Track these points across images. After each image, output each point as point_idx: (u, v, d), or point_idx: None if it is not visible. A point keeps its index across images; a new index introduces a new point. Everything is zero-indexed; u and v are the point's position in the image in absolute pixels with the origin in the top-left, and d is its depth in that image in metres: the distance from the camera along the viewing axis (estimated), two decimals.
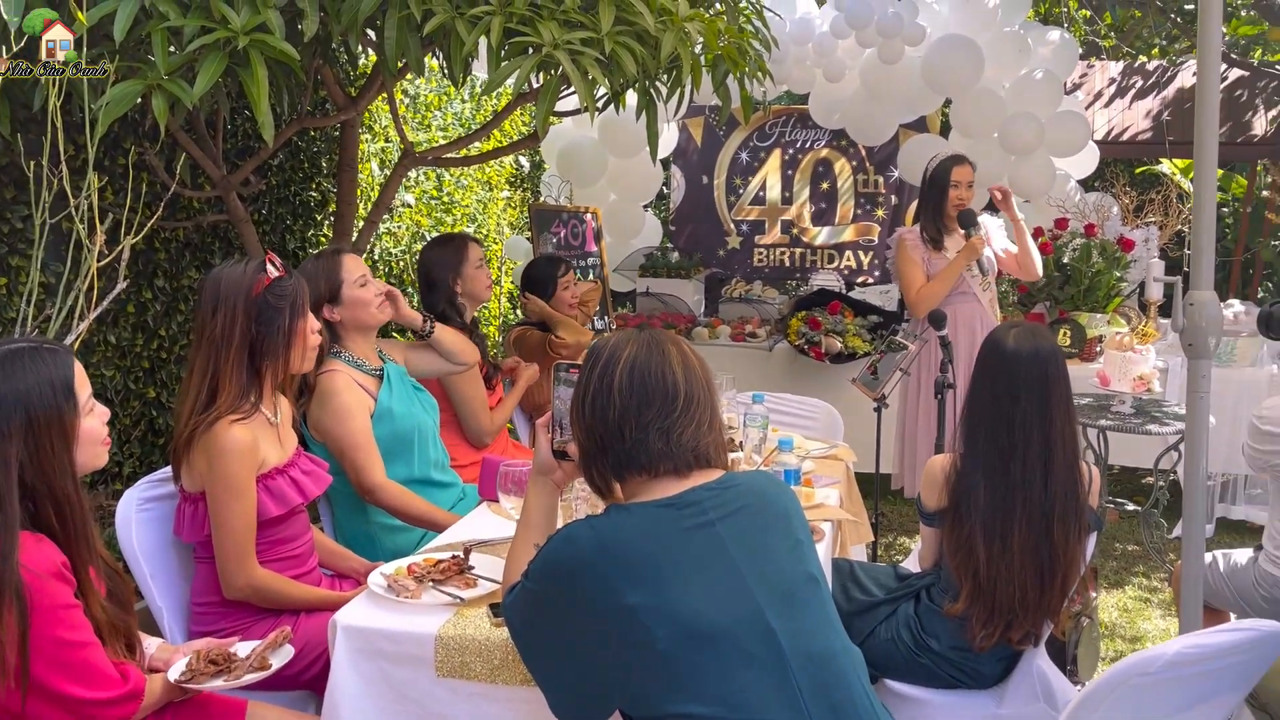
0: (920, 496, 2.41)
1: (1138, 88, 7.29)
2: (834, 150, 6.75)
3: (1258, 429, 2.68)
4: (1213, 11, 2.57)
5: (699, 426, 1.59)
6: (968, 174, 4.23)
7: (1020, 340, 2.26)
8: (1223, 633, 1.67)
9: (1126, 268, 5.10)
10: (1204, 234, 2.60)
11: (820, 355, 5.12)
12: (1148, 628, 3.94)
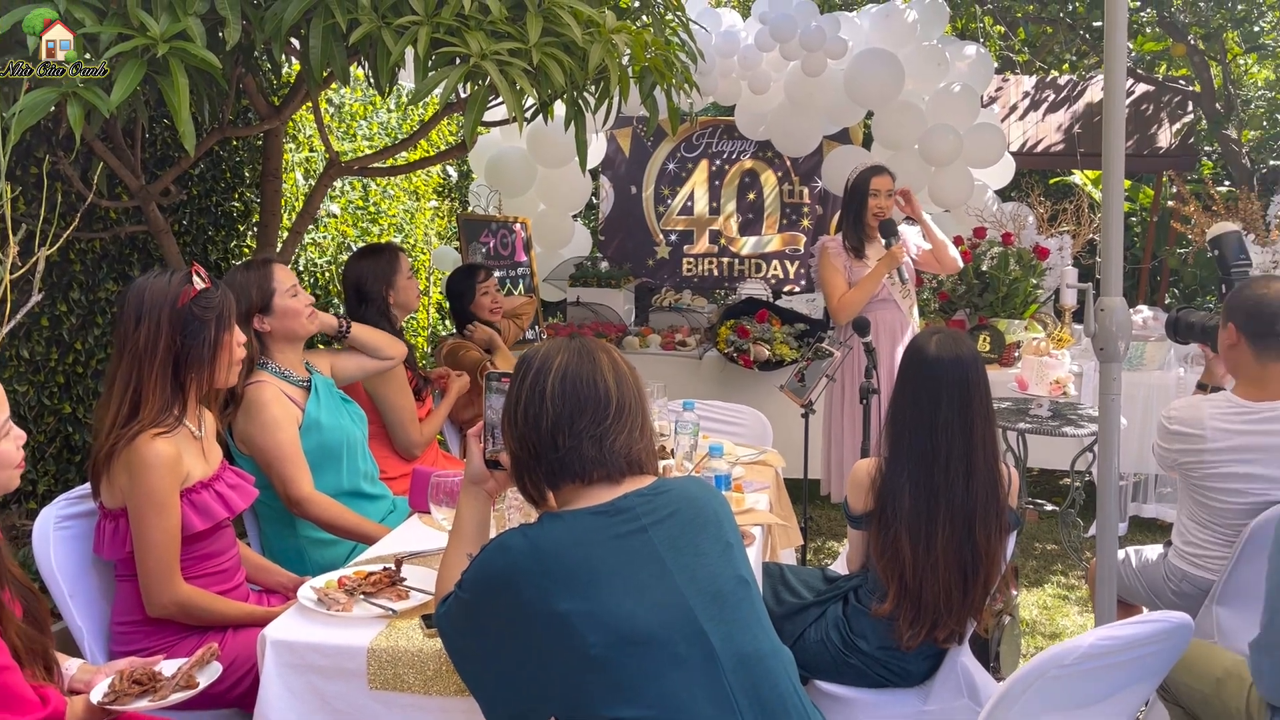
0: (847, 500, 2.47)
1: (1050, 101, 7.54)
2: (760, 161, 6.85)
3: (1166, 429, 2.79)
4: (1118, 30, 2.68)
5: (631, 433, 1.61)
6: (887, 184, 4.34)
7: (941, 347, 2.32)
8: (1134, 625, 1.74)
9: (1042, 275, 5.27)
10: (1112, 243, 2.70)
11: (749, 363, 5.19)
12: (1066, 624, 4.06)
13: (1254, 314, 2.56)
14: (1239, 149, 6.59)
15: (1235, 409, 2.64)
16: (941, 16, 5.89)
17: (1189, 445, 2.68)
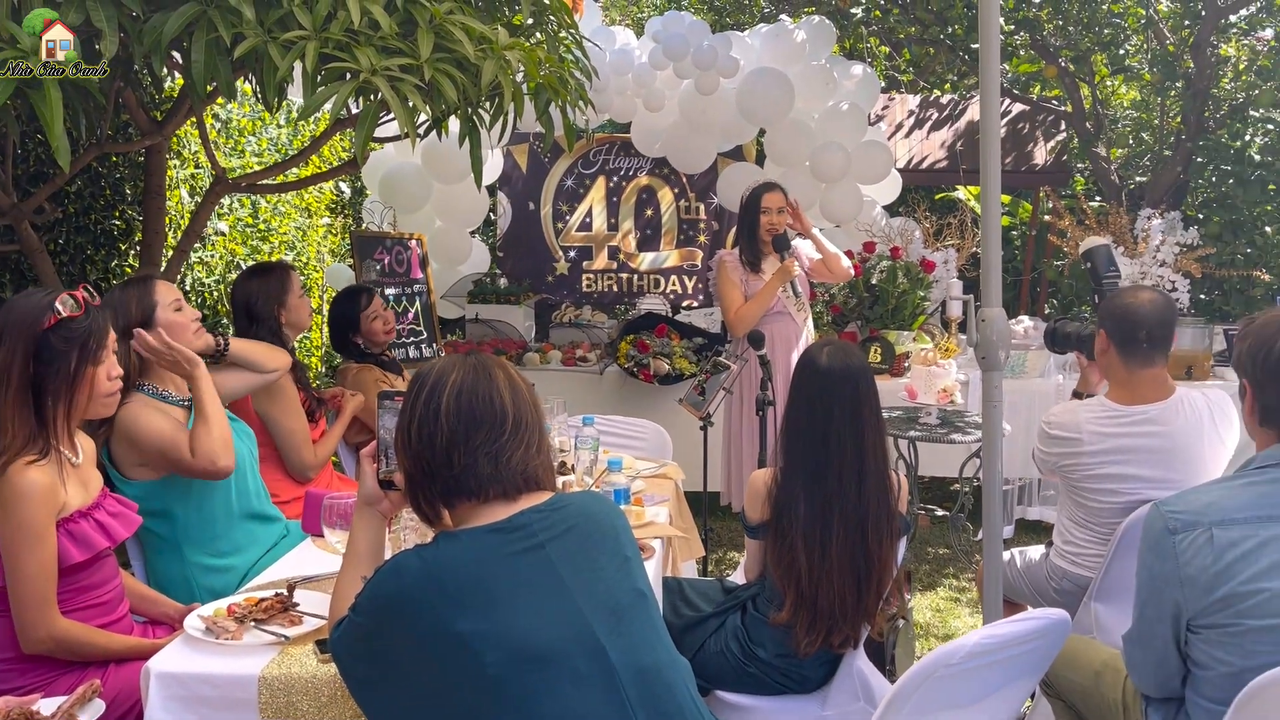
0: (744, 510, 2.51)
1: (934, 120, 7.81)
2: (656, 178, 6.92)
3: (1045, 433, 2.92)
4: (991, 55, 2.80)
5: (527, 449, 1.61)
6: (778, 200, 4.44)
7: (832, 358, 2.38)
8: (1014, 623, 1.82)
9: (929, 287, 5.44)
10: (991, 256, 2.82)
11: (649, 377, 5.22)
12: (958, 625, 4.19)
13: (1122, 322, 2.70)
14: (1108, 166, 6.93)
15: (1108, 413, 2.77)
16: (829, 37, 6.05)
17: (1067, 449, 2.81)
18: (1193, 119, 6.23)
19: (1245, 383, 1.87)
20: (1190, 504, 1.81)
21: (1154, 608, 1.84)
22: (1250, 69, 6.18)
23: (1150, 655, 1.88)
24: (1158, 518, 1.82)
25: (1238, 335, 1.90)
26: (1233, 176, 6.06)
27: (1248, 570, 1.71)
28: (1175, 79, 6.43)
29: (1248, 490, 1.79)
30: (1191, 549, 1.76)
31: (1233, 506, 1.77)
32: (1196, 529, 1.76)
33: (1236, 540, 1.73)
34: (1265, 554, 1.71)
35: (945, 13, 6.60)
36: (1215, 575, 1.73)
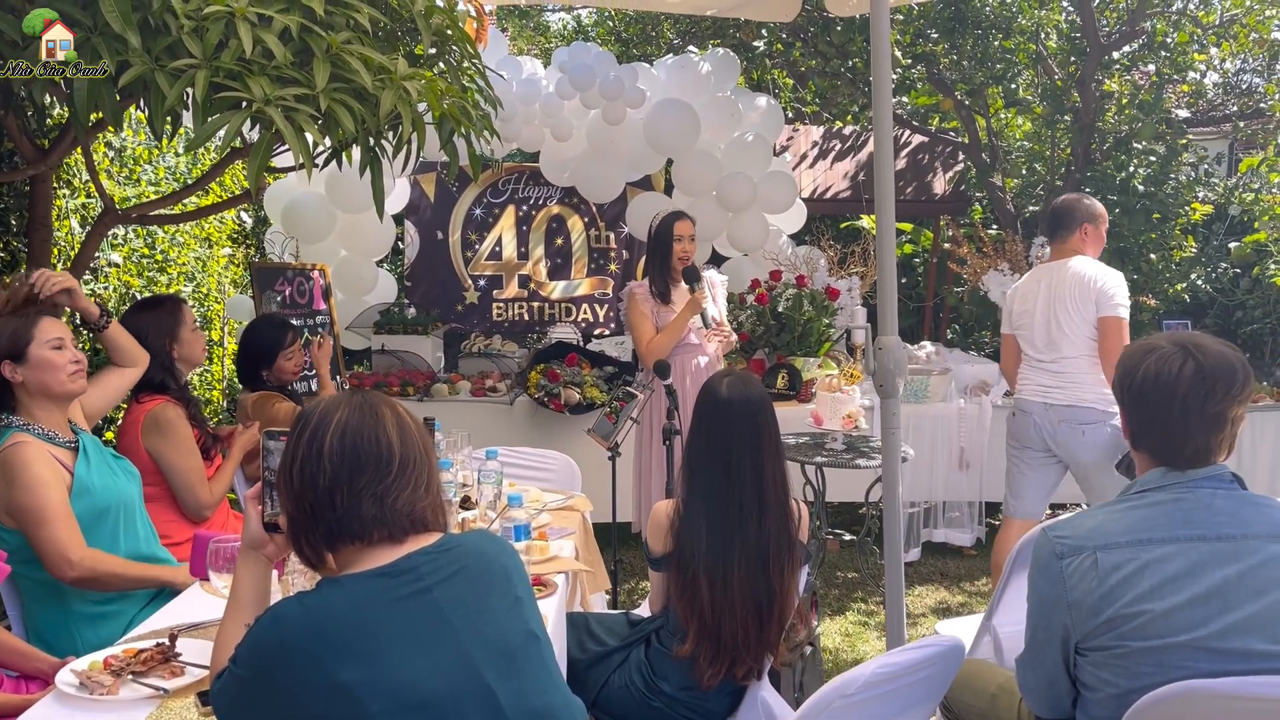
0: (647, 542, 2.50)
1: (837, 150, 7.99)
2: (566, 207, 6.92)
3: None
4: (884, 96, 2.88)
5: (415, 490, 1.57)
6: (688, 229, 4.46)
7: (732, 389, 2.40)
8: (910, 651, 1.84)
9: (834, 314, 5.53)
10: (887, 285, 2.88)
11: (560, 407, 5.19)
12: (867, 649, 4.23)
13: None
14: (1004, 195, 7.16)
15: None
16: (734, 69, 6.15)
17: None
18: (1080, 151, 6.48)
19: (1121, 408, 1.93)
20: (1076, 529, 1.85)
21: (1044, 631, 1.87)
22: (1132, 103, 6.46)
23: (1041, 677, 1.92)
24: (1045, 542, 1.86)
25: (1119, 360, 1.97)
26: (1119, 206, 6.31)
27: (1130, 593, 1.76)
28: (1064, 112, 6.69)
29: (1130, 514, 1.84)
30: (1077, 573, 1.80)
31: (1116, 530, 1.82)
32: (1082, 553, 1.81)
33: (1119, 563, 1.78)
34: (1146, 576, 1.76)
35: (846, 46, 6.77)
36: (1100, 598, 1.77)
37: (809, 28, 6.80)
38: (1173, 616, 1.73)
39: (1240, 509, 1.79)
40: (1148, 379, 1.83)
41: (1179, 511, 1.80)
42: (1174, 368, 1.80)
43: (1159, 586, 1.75)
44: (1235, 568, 1.73)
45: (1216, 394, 1.79)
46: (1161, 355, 1.83)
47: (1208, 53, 6.50)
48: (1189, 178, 6.45)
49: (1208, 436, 1.81)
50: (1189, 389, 1.79)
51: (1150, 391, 1.83)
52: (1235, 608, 1.71)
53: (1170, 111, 6.51)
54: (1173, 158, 6.30)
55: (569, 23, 9.98)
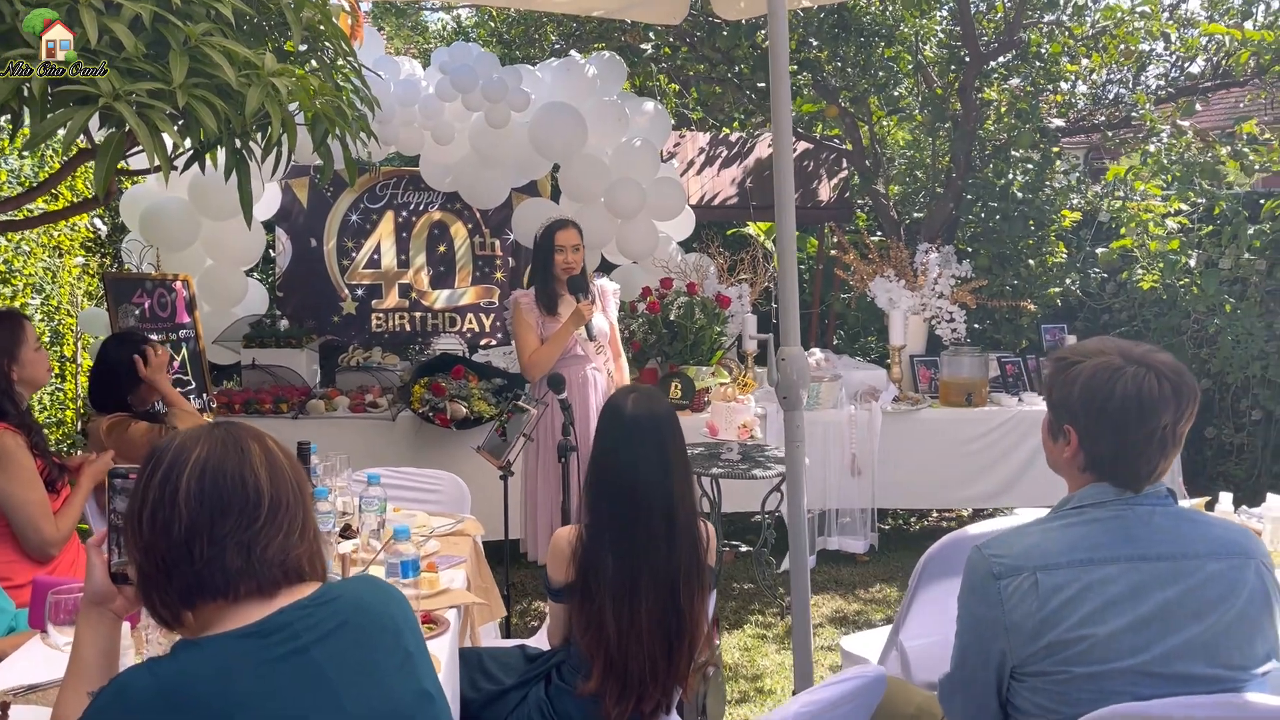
0: (547, 572, 2.33)
1: (724, 157, 7.97)
2: (449, 213, 6.69)
3: None
4: (782, 96, 2.79)
5: (288, 535, 1.38)
6: (572, 238, 4.32)
7: (637, 405, 2.26)
8: (832, 686, 1.73)
9: (725, 322, 5.47)
10: (788, 295, 2.80)
11: (446, 422, 4.98)
12: (766, 664, 4.16)
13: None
14: (887, 202, 7.25)
15: None
16: (620, 73, 6.04)
17: None
18: (961, 158, 6.60)
19: (1069, 428, 1.80)
20: (1012, 547, 1.75)
21: (977, 654, 1.77)
22: (1010, 112, 6.62)
23: (971, 702, 1.83)
24: (981, 561, 1.76)
25: (1054, 376, 1.83)
26: (999, 213, 6.44)
27: (1072, 616, 1.67)
28: (944, 120, 6.81)
29: (1068, 532, 1.75)
30: (1017, 595, 1.70)
31: (1055, 550, 1.72)
32: (1021, 574, 1.71)
33: (1060, 585, 1.69)
34: (1088, 599, 1.68)
35: (732, 52, 6.74)
36: (1040, 622, 1.68)
37: (695, 32, 6.75)
38: (1115, 641, 1.65)
39: (1179, 526, 1.73)
40: (1128, 402, 1.70)
41: (1120, 529, 1.72)
42: (1153, 389, 1.69)
43: (1101, 609, 1.66)
44: (1175, 589, 1.67)
45: (1185, 414, 1.72)
46: (1134, 376, 1.71)
47: (1079, 63, 6.71)
48: (1062, 185, 6.63)
49: (1167, 458, 1.74)
50: (1171, 412, 1.69)
51: (1131, 417, 1.70)
52: (1176, 631, 1.65)
53: (1046, 120, 6.69)
54: (1047, 165, 6.47)
55: (448, 23, 9.72)
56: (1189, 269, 6.23)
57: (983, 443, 5.52)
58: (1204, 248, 6.27)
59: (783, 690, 3.91)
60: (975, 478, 5.54)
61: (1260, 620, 1.69)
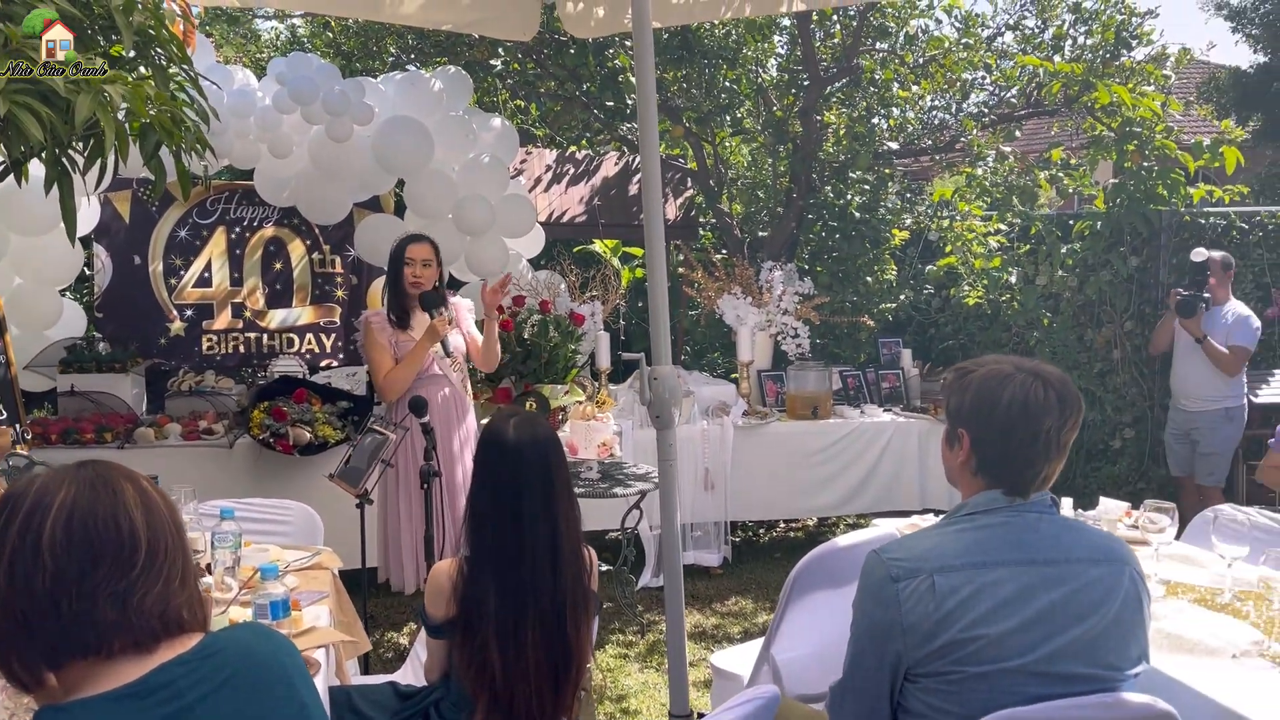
0: (424, 608, 2.23)
1: (571, 175, 7.95)
2: (286, 229, 6.40)
3: None
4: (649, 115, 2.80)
5: (168, 584, 1.26)
6: (423, 252, 4.22)
7: (519, 430, 2.18)
8: (732, 709, 1.72)
9: (579, 340, 5.44)
10: (659, 315, 2.80)
11: (289, 448, 4.75)
12: (630, 684, 4.13)
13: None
14: (731, 221, 7.41)
15: None
16: (466, 88, 5.94)
17: None
18: (802, 178, 6.81)
19: (963, 433, 1.87)
20: (910, 551, 1.80)
21: (873, 657, 1.80)
22: (848, 135, 6.88)
23: (862, 706, 1.85)
24: (878, 565, 1.79)
25: (952, 385, 1.91)
26: (838, 231, 6.68)
27: (966, 617, 1.72)
28: (785, 141, 7.02)
29: (963, 537, 1.81)
30: (914, 596, 1.74)
31: (951, 553, 1.78)
32: (918, 576, 1.75)
33: (956, 587, 1.74)
34: (982, 600, 1.73)
35: (579, 70, 6.74)
36: (936, 623, 1.73)
37: (543, 49, 6.71)
38: (1005, 641, 1.72)
39: (1061, 533, 1.81)
40: (1014, 407, 1.78)
41: (1009, 535, 1.79)
42: (1039, 396, 1.78)
43: (993, 610, 1.73)
44: (1060, 591, 1.75)
45: (1069, 421, 1.80)
46: (1022, 383, 1.79)
47: (909, 89, 7.05)
48: (895, 205, 6.94)
49: (1054, 464, 1.82)
50: (1054, 418, 1.78)
51: (1017, 421, 1.78)
52: (1060, 632, 1.73)
53: (881, 143, 6.99)
54: (882, 186, 6.76)
55: (282, 32, 9.32)
56: (1009, 285, 6.64)
57: (828, 453, 5.70)
58: (1022, 265, 6.69)
59: (649, 710, 3.90)
60: (822, 487, 5.71)
61: (1133, 623, 1.79)
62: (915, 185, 7.33)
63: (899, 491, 5.74)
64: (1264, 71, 10.56)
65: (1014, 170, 6.77)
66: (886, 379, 6.32)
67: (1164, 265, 6.40)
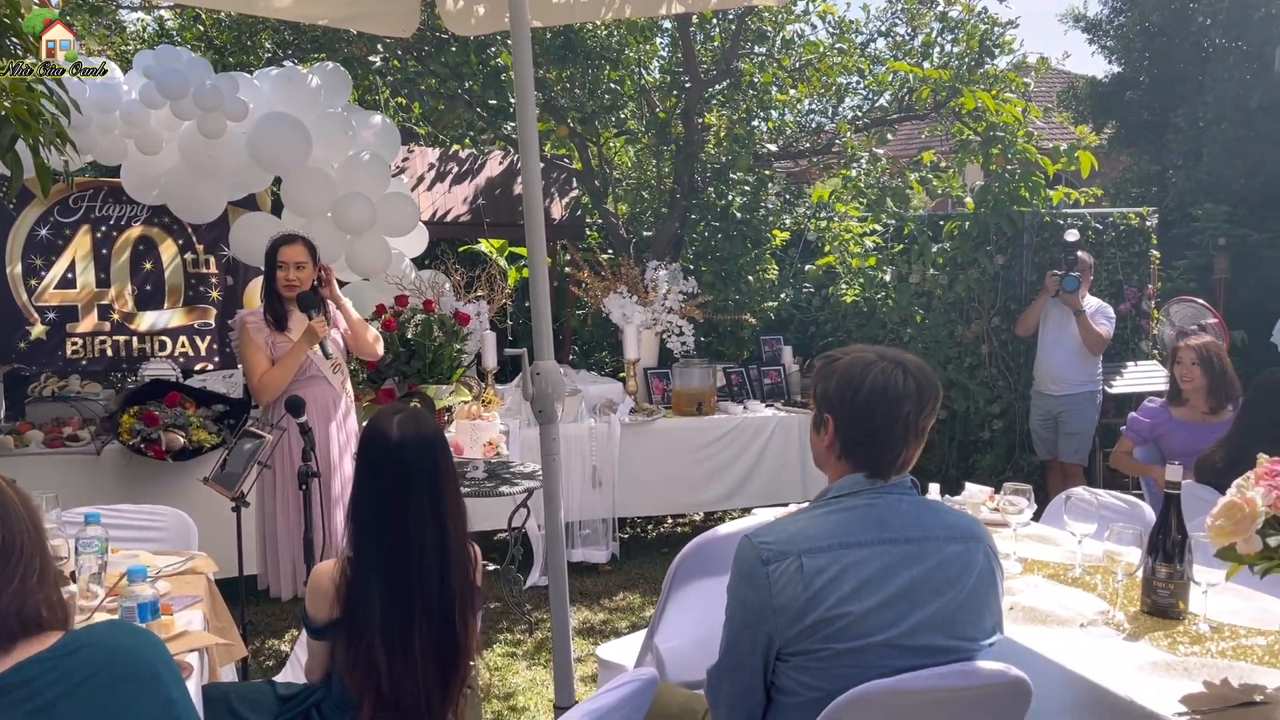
0: (306, 610, 2.20)
1: (454, 173, 7.90)
2: (156, 228, 6.17)
3: None
4: (528, 114, 2.83)
5: (25, 581, 1.23)
6: (296, 254, 4.15)
7: (404, 428, 2.16)
8: (609, 692, 1.76)
9: (464, 340, 5.41)
10: (541, 310, 2.83)
11: (161, 454, 4.60)
12: (518, 681, 4.14)
13: None
14: (617, 221, 7.46)
15: None
16: (345, 85, 5.84)
17: None
18: (685, 179, 6.92)
19: (828, 417, 1.95)
20: (779, 534, 1.87)
21: (747, 639, 1.87)
22: (728, 137, 7.02)
23: (738, 687, 1.92)
24: (750, 549, 1.86)
25: (819, 372, 1.99)
26: (721, 232, 6.81)
27: (833, 595, 1.80)
28: (668, 143, 7.12)
29: (829, 519, 1.89)
30: (784, 578, 1.81)
31: (817, 535, 1.85)
32: (787, 558, 1.82)
33: (823, 567, 1.81)
34: (848, 579, 1.81)
35: (461, 68, 6.70)
36: (805, 602, 1.80)
37: (424, 47, 6.64)
38: (870, 617, 1.80)
39: (921, 513, 1.91)
40: (874, 392, 1.87)
41: (872, 516, 1.88)
42: (899, 382, 1.87)
43: (858, 588, 1.81)
44: (920, 568, 1.84)
45: (926, 407, 1.90)
46: (883, 370, 1.88)
47: (786, 93, 7.23)
48: (774, 207, 7.10)
49: (911, 448, 1.92)
50: (912, 404, 1.88)
51: (877, 405, 1.87)
52: (921, 606, 1.82)
53: (760, 145, 7.15)
54: (762, 188, 6.92)
55: (149, 24, 8.97)
56: (884, 284, 6.87)
57: (713, 449, 5.81)
58: (896, 264, 6.94)
59: (536, 706, 3.91)
60: (707, 482, 5.82)
61: (988, 596, 1.91)
62: (795, 187, 7.52)
63: (782, 484, 5.88)
64: (1118, 81, 11.16)
65: (887, 172, 7.00)
66: (769, 375, 6.47)
67: (1027, 264, 6.71)
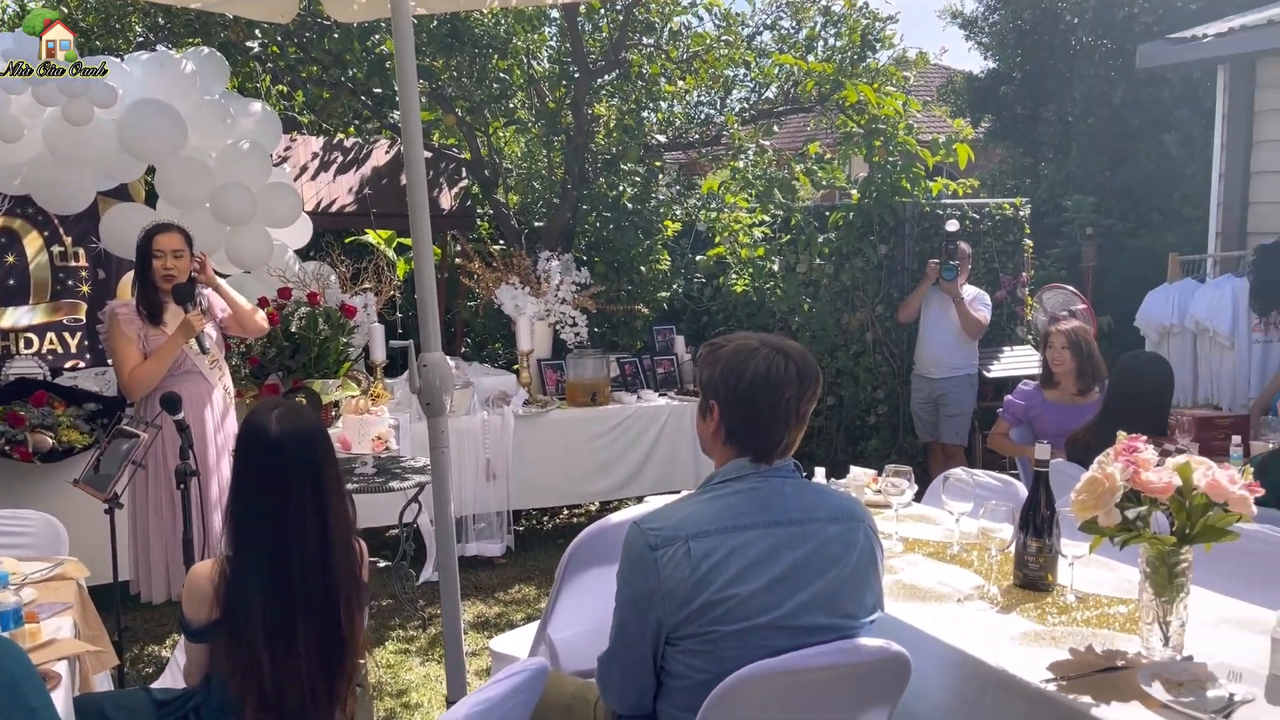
0: (183, 612, 2.13)
1: (339, 163, 7.71)
2: (19, 219, 5.86)
3: None
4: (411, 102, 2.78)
5: None
6: (173, 242, 4.02)
7: (283, 422, 2.11)
8: (498, 683, 1.75)
9: (351, 333, 5.30)
10: (427, 302, 2.79)
11: (28, 455, 4.38)
12: (411, 678, 4.09)
13: None
14: (507, 212, 7.41)
15: None
16: (222, 71, 5.64)
17: None
18: (576, 170, 6.91)
19: (713, 403, 1.98)
20: (667, 520, 1.89)
21: (636, 624, 1.89)
22: (618, 127, 7.04)
23: (628, 673, 1.94)
24: (639, 536, 1.88)
25: (704, 359, 2.02)
26: (612, 222, 6.83)
27: (720, 578, 1.83)
28: (558, 133, 7.09)
29: (715, 504, 1.92)
30: (672, 563, 1.83)
31: (703, 519, 1.88)
32: (675, 543, 1.84)
33: (710, 551, 1.84)
34: (733, 562, 1.84)
35: (343, 55, 6.54)
36: (693, 586, 1.82)
37: (305, 33, 6.46)
38: (755, 599, 1.84)
39: (804, 495, 1.96)
40: (758, 378, 1.90)
41: (757, 499, 1.92)
42: (780, 368, 1.91)
43: (743, 571, 1.84)
44: (803, 549, 1.89)
45: (807, 393, 1.94)
46: (765, 356, 1.92)
47: (675, 85, 7.28)
48: (665, 198, 7.15)
49: (794, 432, 1.96)
50: (794, 389, 1.91)
51: (760, 391, 1.90)
52: (804, 587, 1.87)
53: (650, 136, 7.18)
54: (652, 178, 6.96)
55: (8, 5, 8.51)
56: (773, 274, 6.99)
57: (607, 439, 5.83)
58: (784, 254, 7.07)
59: (430, 703, 3.87)
60: (602, 472, 5.84)
61: (868, 575, 1.97)
62: (686, 178, 7.59)
63: (676, 471, 5.94)
64: (994, 77, 11.57)
65: (774, 164, 7.12)
66: (662, 365, 6.52)
67: (908, 253, 6.92)
